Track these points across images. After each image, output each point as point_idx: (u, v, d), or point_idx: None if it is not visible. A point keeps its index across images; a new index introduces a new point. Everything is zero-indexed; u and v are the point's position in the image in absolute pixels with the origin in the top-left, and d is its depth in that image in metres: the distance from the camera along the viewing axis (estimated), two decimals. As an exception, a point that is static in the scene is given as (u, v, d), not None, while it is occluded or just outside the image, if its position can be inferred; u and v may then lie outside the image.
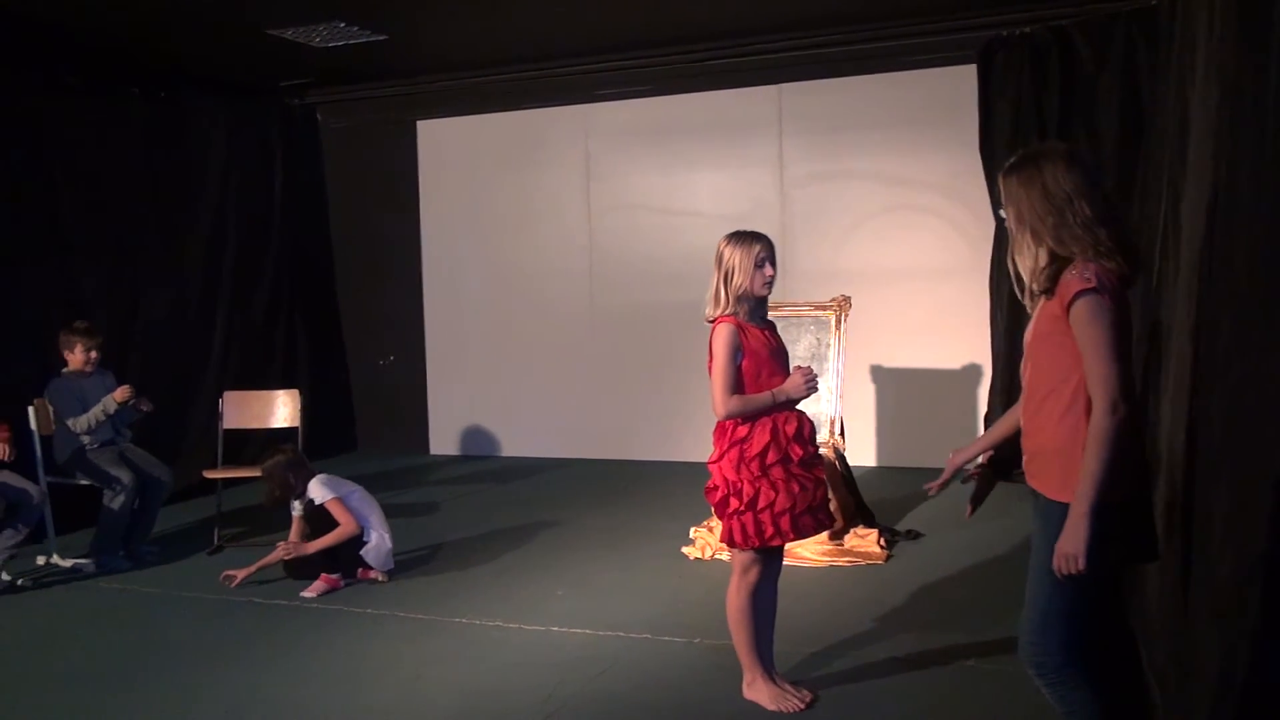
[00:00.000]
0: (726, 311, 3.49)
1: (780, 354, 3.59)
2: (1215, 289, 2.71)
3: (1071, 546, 2.37)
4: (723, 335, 3.46)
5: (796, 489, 3.46)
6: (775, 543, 3.47)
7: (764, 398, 3.44)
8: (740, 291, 3.48)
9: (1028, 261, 2.52)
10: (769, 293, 3.55)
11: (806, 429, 3.55)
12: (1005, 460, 2.85)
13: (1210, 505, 2.50)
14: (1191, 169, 3.46)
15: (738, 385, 3.44)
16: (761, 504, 3.42)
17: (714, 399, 3.43)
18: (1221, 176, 2.74)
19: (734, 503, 3.45)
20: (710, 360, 3.49)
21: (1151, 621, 3.42)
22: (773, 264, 3.52)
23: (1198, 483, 2.72)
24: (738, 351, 3.43)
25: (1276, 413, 1.95)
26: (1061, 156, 2.51)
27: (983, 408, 7.15)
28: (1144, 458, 2.55)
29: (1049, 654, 2.52)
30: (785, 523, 3.44)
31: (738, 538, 3.47)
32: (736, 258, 3.48)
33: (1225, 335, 2.50)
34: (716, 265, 3.52)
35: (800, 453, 3.48)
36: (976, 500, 2.88)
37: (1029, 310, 2.59)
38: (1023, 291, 2.59)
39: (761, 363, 3.48)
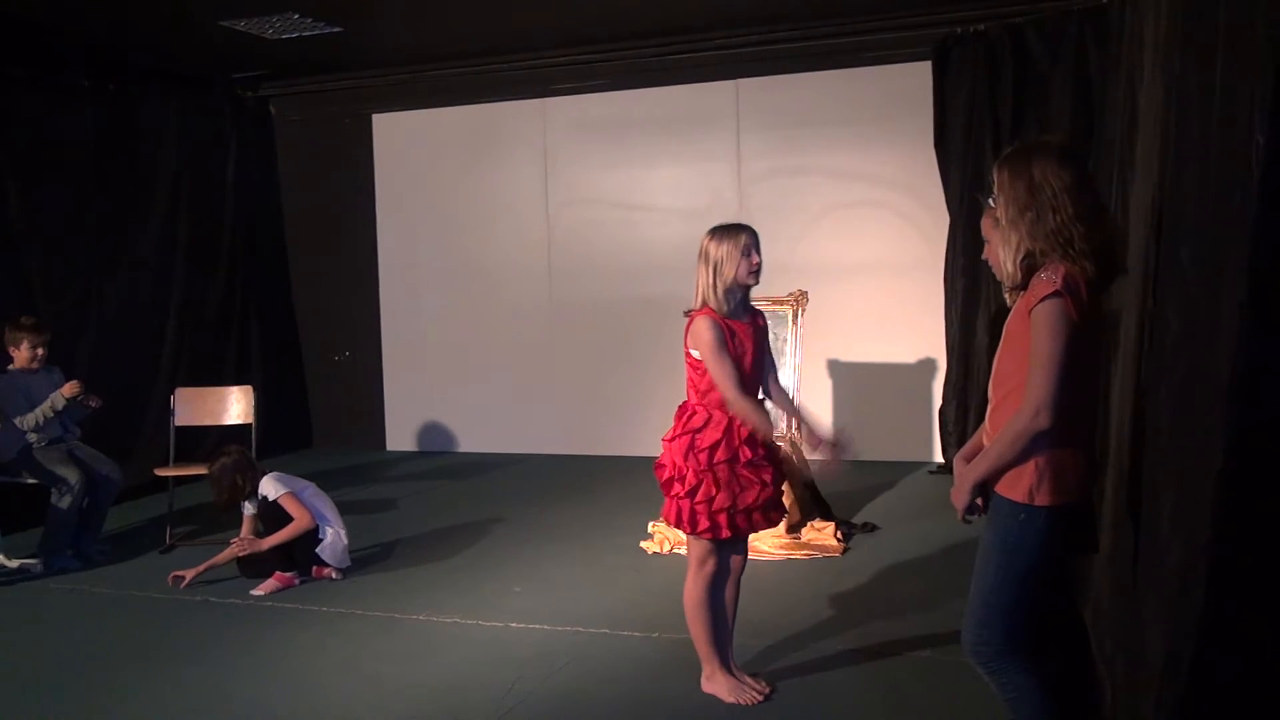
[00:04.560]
0: (711, 306, 3.48)
1: (763, 344, 3.60)
2: (1162, 284, 2.75)
3: (954, 498, 2.60)
4: (706, 329, 3.43)
5: (738, 489, 3.46)
6: (706, 536, 3.49)
7: (767, 427, 3.44)
8: (730, 283, 3.48)
9: (1008, 254, 2.52)
10: (756, 281, 3.55)
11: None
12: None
13: (1158, 497, 2.55)
14: (1139, 165, 3.52)
15: (738, 375, 3.42)
16: (700, 497, 3.44)
17: (725, 395, 3.41)
18: (1167, 173, 2.79)
19: (677, 486, 3.48)
20: (688, 353, 3.49)
21: (1102, 611, 3.48)
22: (758, 252, 3.53)
23: (1146, 475, 2.76)
24: (723, 344, 3.43)
25: (1221, 407, 1.99)
26: (1054, 152, 2.50)
27: (938, 401, 7.23)
28: (1093, 462, 2.61)
29: (990, 644, 2.56)
30: (723, 519, 3.45)
31: (671, 519, 3.53)
32: (724, 250, 3.49)
33: (1172, 330, 2.54)
34: (703, 261, 3.51)
35: (749, 455, 3.47)
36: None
37: (1009, 303, 2.61)
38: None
39: (744, 353, 3.49)
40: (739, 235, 3.52)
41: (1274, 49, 1.76)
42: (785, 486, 5.40)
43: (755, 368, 3.55)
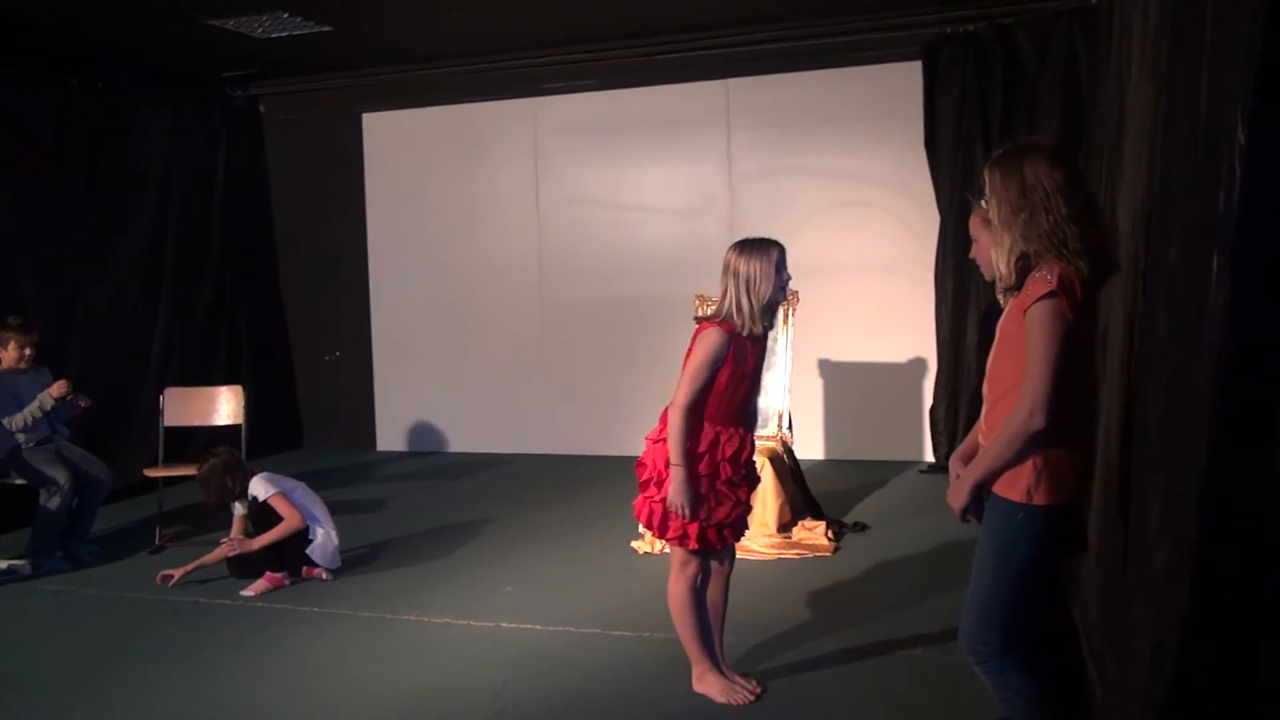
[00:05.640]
0: (736, 322, 3.40)
1: (762, 360, 3.55)
2: (1150, 284, 2.77)
3: (951, 499, 2.61)
4: (714, 340, 3.37)
5: (714, 504, 3.46)
6: (675, 543, 3.49)
7: (679, 456, 3.34)
8: (765, 300, 3.40)
9: (1001, 255, 2.52)
10: (785, 297, 3.51)
11: (745, 454, 3.53)
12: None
13: (1146, 495, 2.56)
14: (1127, 165, 3.53)
15: (702, 394, 3.39)
16: None
17: (675, 400, 3.38)
18: (1156, 173, 2.80)
19: (654, 490, 3.48)
20: (688, 356, 3.45)
21: (1090, 609, 3.49)
22: (787, 267, 3.47)
23: (1134, 473, 2.78)
24: (718, 362, 3.38)
25: (1209, 405, 1.99)
26: (1045, 153, 2.51)
27: (928, 400, 7.25)
28: (1089, 461, 2.62)
29: (988, 643, 2.57)
30: (693, 530, 3.45)
31: (642, 518, 3.53)
32: (756, 266, 3.39)
33: (1160, 330, 2.55)
34: (731, 276, 3.41)
35: (729, 472, 3.47)
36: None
37: (1002, 304, 2.62)
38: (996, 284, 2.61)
39: (743, 377, 3.45)
40: (770, 250, 3.42)
41: (1255, 48, 1.77)
42: (775, 487, 5.45)
43: (755, 385, 3.53)
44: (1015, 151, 2.56)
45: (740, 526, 3.60)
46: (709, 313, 3.50)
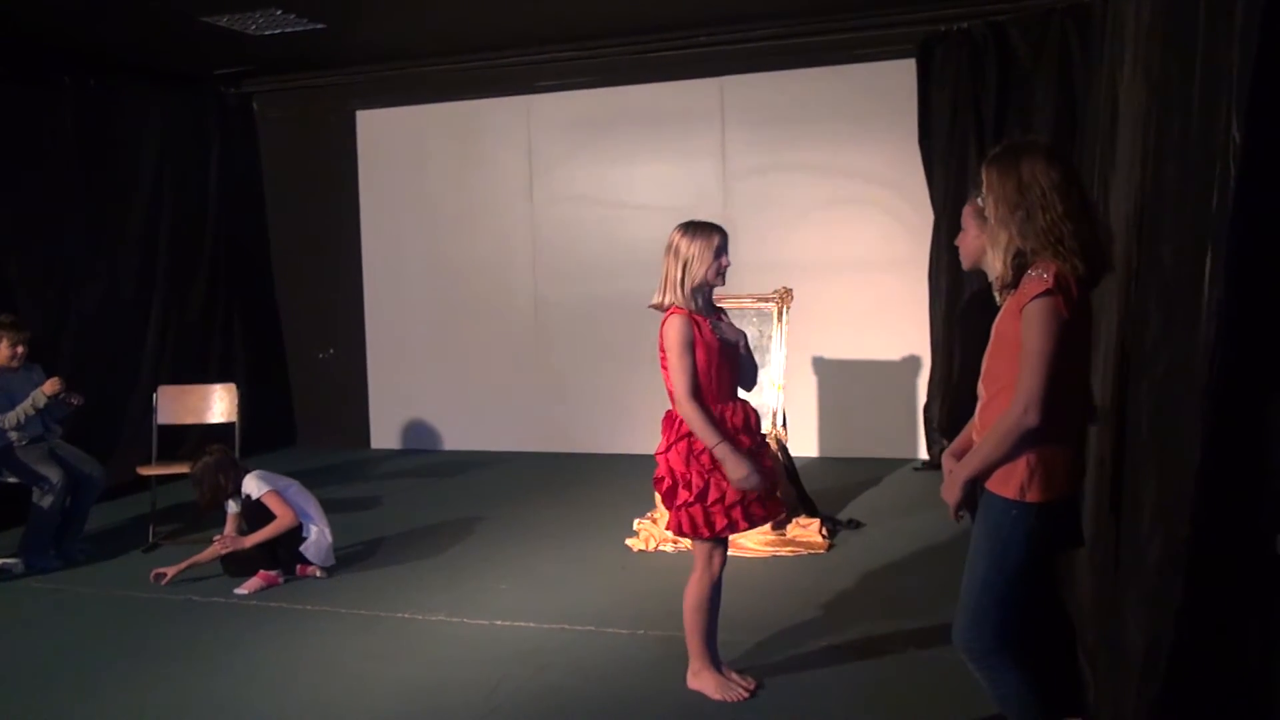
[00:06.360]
0: (678, 303, 3.46)
1: (731, 347, 3.54)
2: (1143, 283, 2.77)
3: (945, 495, 2.62)
4: (676, 327, 3.41)
5: None
6: (725, 534, 3.47)
7: (714, 436, 3.36)
8: (698, 282, 3.46)
9: (997, 253, 2.53)
10: (723, 282, 3.53)
11: (753, 419, 3.54)
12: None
13: (1139, 494, 2.56)
14: (1120, 164, 3.54)
15: (695, 379, 3.41)
16: (712, 497, 3.41)
17: (675, 394, 3.40)
18: (1149, 171, 2.80)
19: (683, 494, 3.43)
20: (662, 353, 3.47)
21: (1084, 607, 3.50)
22: (728, 253, 3.51)
23: (1127, 471, 2.78)
24: (691, 344, 3.41)
25: (1202, 404, 2.00)
26: (1041, 151, 2.52)
27: (922, 398, 7.25)
28: (1081, 460, 2.62)
29: (982, 640, 2.57)
30: (737, 513, 3.43)
31: (686, 528, 3.47)
32: (696, 248, 3.45)
33: (1152, 328, 2.56)
34: (671, 255, 3.48)
35: (747, 443, 3.46)
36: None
37: (998, 302, 2.62)
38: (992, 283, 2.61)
39: (713, 354, 3.45)
40: (712, 235, 3.49)
41: (1251, 45, 1.77)
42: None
43: (730, 364, 3.52)
44: (1012, 149, 2.57)
45: (769, 498, 3.56)
46: (664, 301, 3.50)
